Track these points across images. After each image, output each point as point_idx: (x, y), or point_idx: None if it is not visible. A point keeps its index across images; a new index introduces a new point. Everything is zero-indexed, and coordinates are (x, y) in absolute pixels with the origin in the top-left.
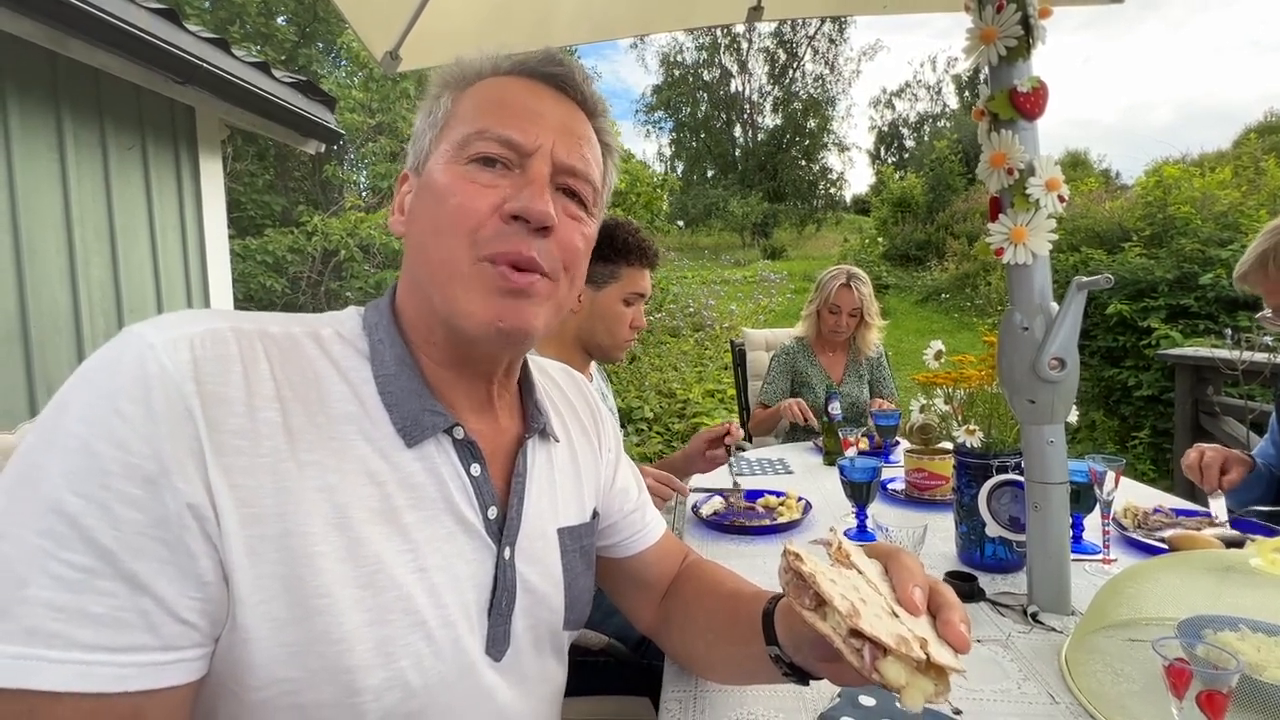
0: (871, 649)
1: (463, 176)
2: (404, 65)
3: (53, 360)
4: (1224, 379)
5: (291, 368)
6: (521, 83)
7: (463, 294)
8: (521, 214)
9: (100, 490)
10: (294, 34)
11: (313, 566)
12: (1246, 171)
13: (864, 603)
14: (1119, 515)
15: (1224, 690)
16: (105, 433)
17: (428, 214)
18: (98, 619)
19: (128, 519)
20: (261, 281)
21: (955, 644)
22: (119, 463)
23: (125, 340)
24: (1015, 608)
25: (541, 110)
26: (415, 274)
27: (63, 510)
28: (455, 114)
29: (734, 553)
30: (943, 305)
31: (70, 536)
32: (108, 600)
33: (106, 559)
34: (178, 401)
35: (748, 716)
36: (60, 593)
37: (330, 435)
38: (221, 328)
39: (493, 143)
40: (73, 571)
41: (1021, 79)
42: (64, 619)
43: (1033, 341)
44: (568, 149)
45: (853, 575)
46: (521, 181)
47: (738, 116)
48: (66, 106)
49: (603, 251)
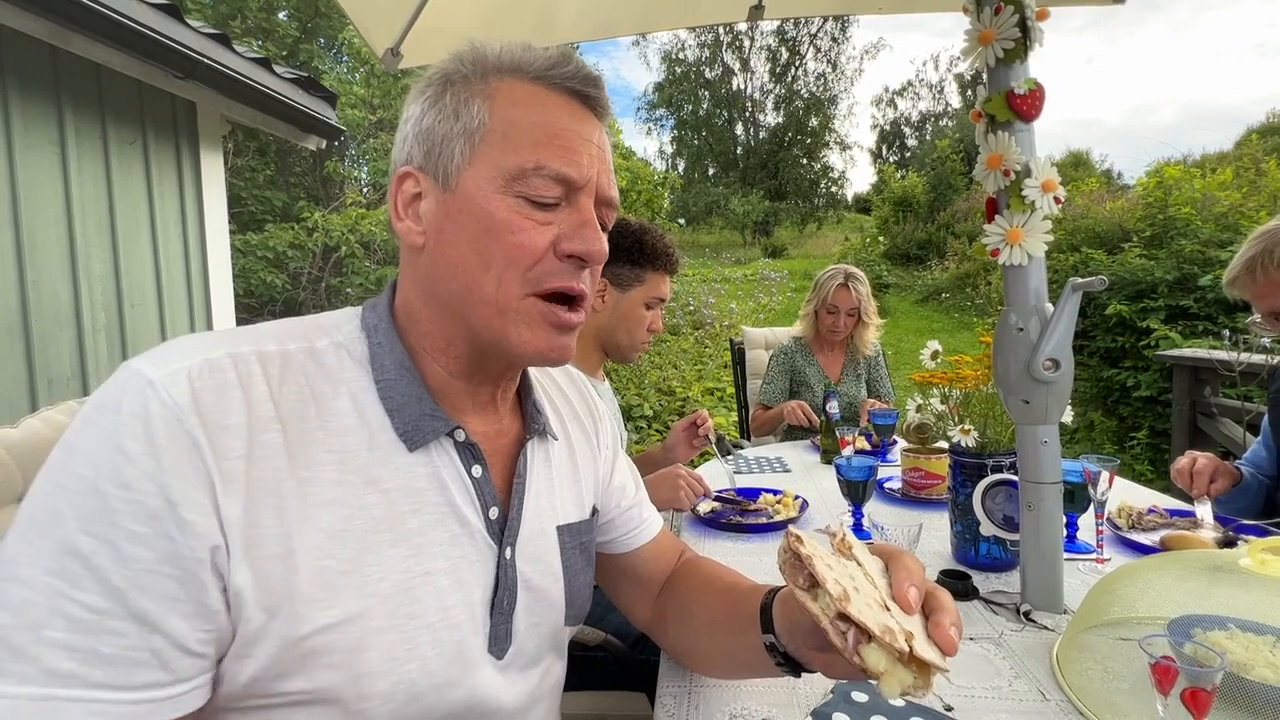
0: (856, 633)
1: (517, 212)
2: (405, 62)
3: (54, 354)
4: (1222, 380)
5: (289, 386)
6: (564, 102)
7: (514, 326)
8: (581, 255)
9: (109, 529)
10: (295, 30)
11: (318, 581)
12: (1247, 173)
13: (857, 591)
14: (1113, 515)
15: (1208, 688)
16: (110, 473)
17: (470, 241)
18: (110, 660)
19: (136, 557)
20: (262, 277)
21: (943, 646)
22: (125, 501)
23: (125, 380)
24: (1008, 606)
25: (585, 137)
26: (442, 294)
27: (76, 551)
28: (494, 129)
29: (730, 550)
30: (943, 305)
31: (83, 576)
32: (119, 640)
33: (117, 599)
34: (181, 436)
35: (741, 711)
36: (75, 634)
37: (330, 449)
38: (217, 356)
39: (551, 181)
40: (86, 613)
41: (1018, 81)
42: (78, 659)
43: (1028, 342)
44: (607, 179)
45: (851, 566)
46: (575, 219)
47: (739, 114)
48: (68, 101)
49: (631, 254)
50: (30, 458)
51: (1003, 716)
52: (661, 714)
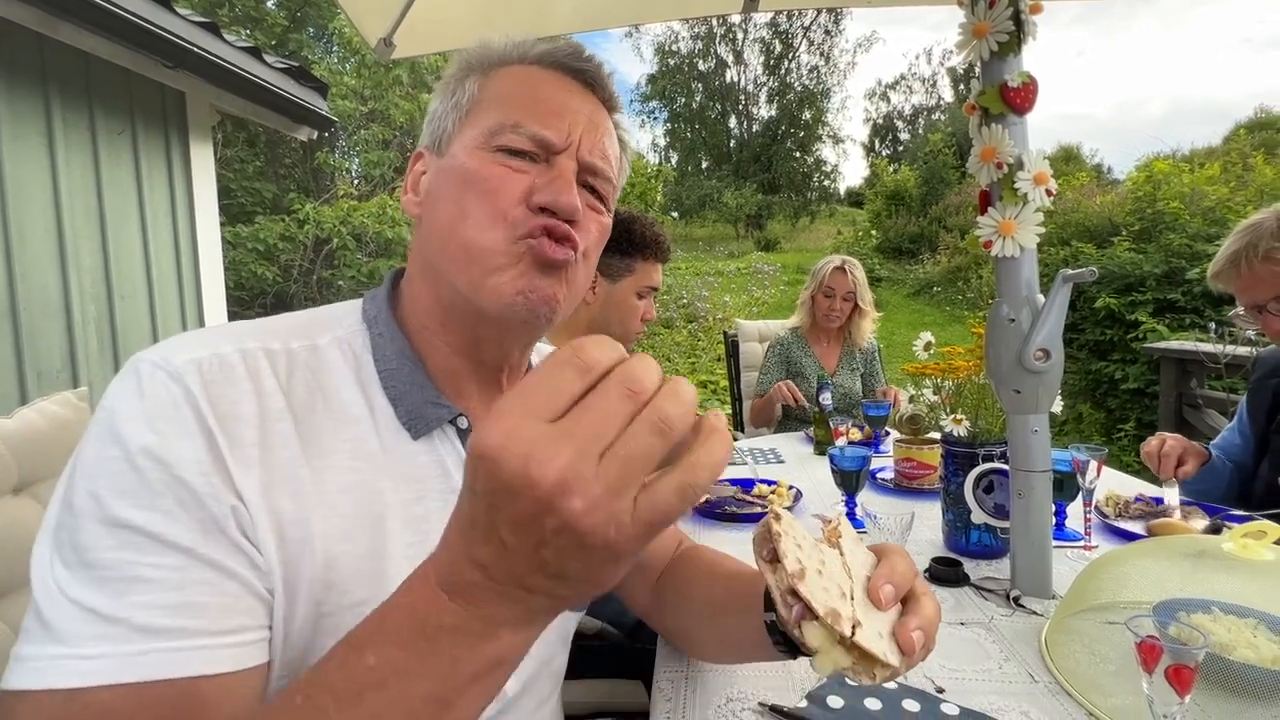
0: (801, 609)
1: (491, 161)
2: (398, 52)
3: (43, 346)
4: (1207, 372)
5: (297, 379)
6: (552, 76)
7: (489, 275)
8: (550, 206)
9: (154, 499)
10: (284, 18)
11: (333, 567)
12: (1235, 168)
13: (820, 574)
14: (1101, 503)
15: (1190, 665)
16: (140, 449)
17: (451, 196)
18: (203, 608)
19: (188, 518)
20: (252, 269)
21: (902, 646)
22: (161, 472)
23: (140, 369)
24: (998, 592)
25: (571, 106)
26: (431, 257)
27: (129, 525)
28: (482, 99)
29: (726, 540)
30: (935, 298)
31: (146, 544)
32: (206, 588)
33: (186, 554)
34: (200, 420)
35: (738, 695)
36: (162, 593)
37: (343, 438)
38: (225, 352)
39: (525, 138)
40: (165, 572)
41: (1012, 74)
42: (171, 614)
43: (1019, 333)
44: (591, 147)
45: (830, 553)
46: (550, 174)
47: (732, 107)
48: (55, 91)
49: (619, 244)
50: (25, 448)
51: (992, 698)
52: (659, 699)
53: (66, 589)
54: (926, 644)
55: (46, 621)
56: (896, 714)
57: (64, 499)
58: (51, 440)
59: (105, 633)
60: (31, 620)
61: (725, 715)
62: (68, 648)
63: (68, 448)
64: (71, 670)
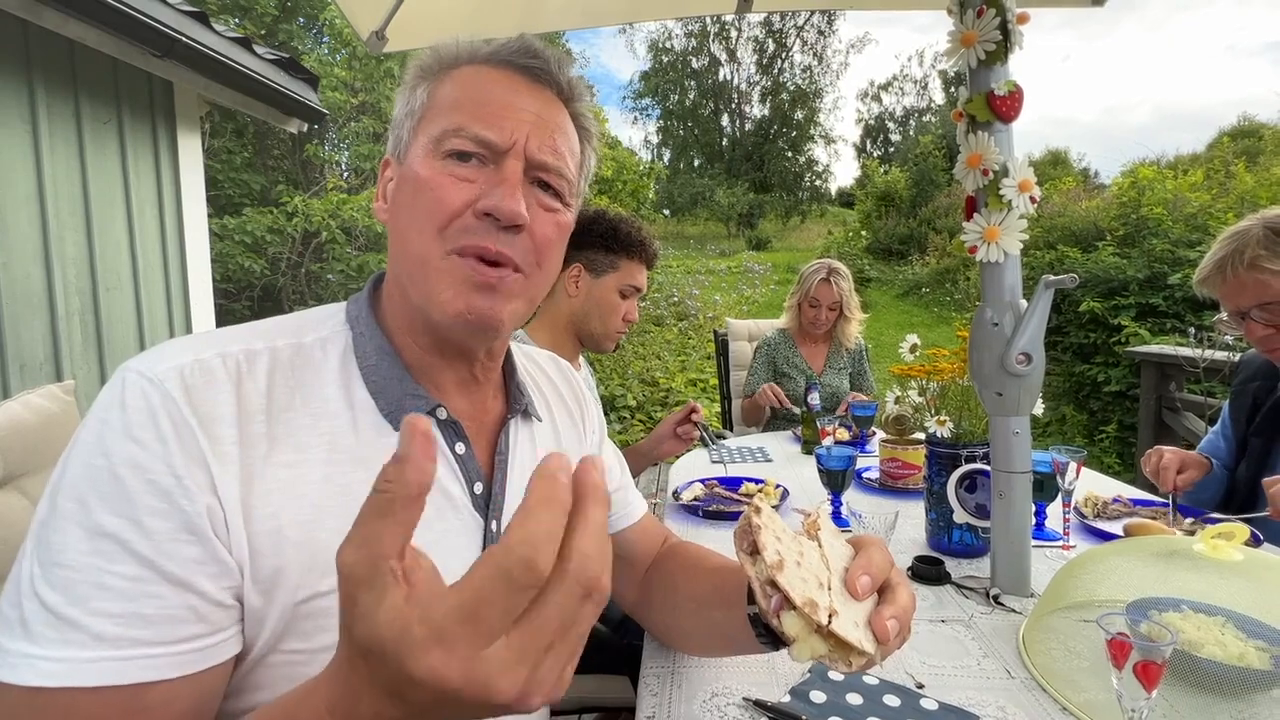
0: (779, 599)
1: (439, 171)
2: (390, 46)
3: (26, 339)
4: (1186, 376)
5: (277, 378)
6: (497, 74)
7: (435, 286)
8: (492, 212)
9: (131, 508)
10: (274, 7)
11: (311, 551)
12: (1217, 175)
13: (798, 566)
14: (1080, 504)
15: (1158, 661)
16: (124, 459)
17: (405, 206)
18: (152, 620)
19: (158, 529)
20: (240, 262)
21: (878, 634)
22: (141, 482)
23: (126, 380)
24: (978, 590)
25: (517, 105)
26: (394, 265)
27: (105, 531)
28: (432, 105)
29: (712, 537)
30: (923, 299)
31: (116, 552)
32: (158, 602)
33: (149, 566)
34: (181, 423)
35: (722, 690)
36: (119, 603)
37: (320, 433)
38: (206, 357)
39: (467, 140)
40: (125, 582)
41: (999, 83)
42: (124, 624)
43: (1002, 337)
44: (540, 144)
45: (809, 546)
46: (496, 178)
47: (725, 106)
48: (40, 79)
49: (606, 242)
50: (10, 440)
51: (971, 693)
52: (644, 693)
53: (37, 586)
54: (902, 632)
55: (23, 618)
56: (877, 708)
57: (51, 498)
58: (36, 434)
59: (68, 637)
60: (10, 608)
61: (710, 710)
62: (38, 648)
63: (53, 441)
64: (41, 670)
